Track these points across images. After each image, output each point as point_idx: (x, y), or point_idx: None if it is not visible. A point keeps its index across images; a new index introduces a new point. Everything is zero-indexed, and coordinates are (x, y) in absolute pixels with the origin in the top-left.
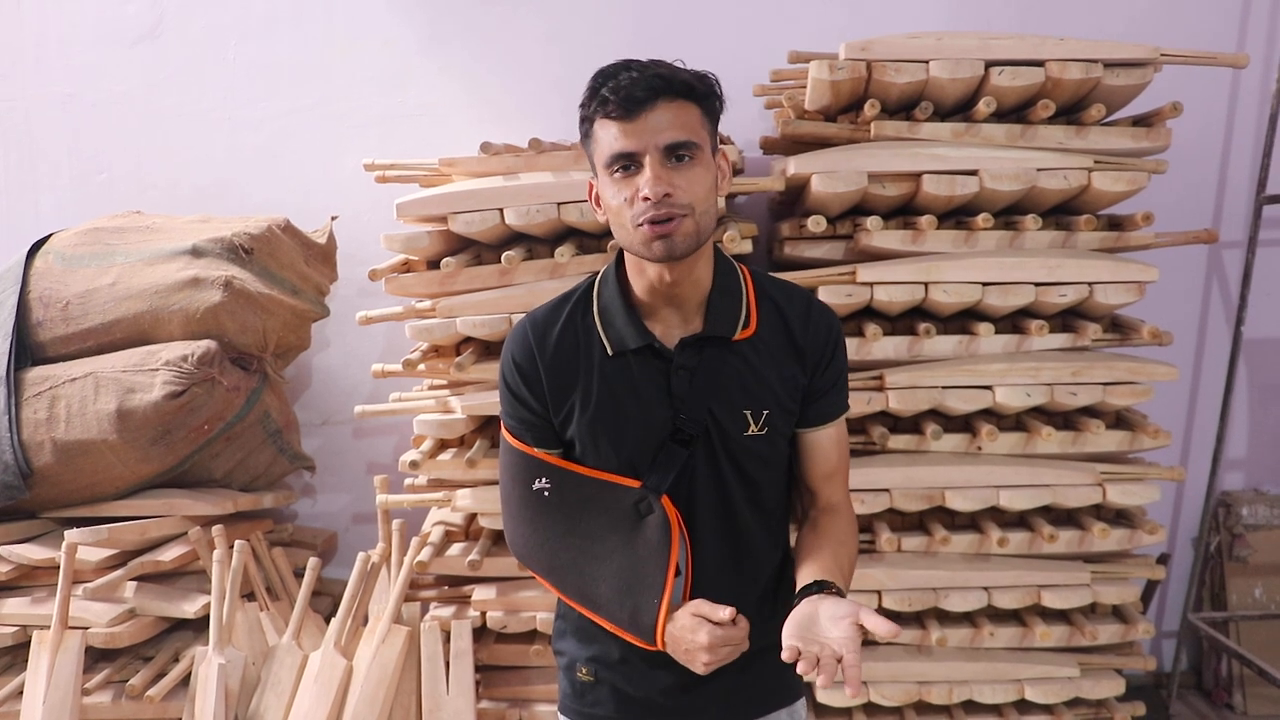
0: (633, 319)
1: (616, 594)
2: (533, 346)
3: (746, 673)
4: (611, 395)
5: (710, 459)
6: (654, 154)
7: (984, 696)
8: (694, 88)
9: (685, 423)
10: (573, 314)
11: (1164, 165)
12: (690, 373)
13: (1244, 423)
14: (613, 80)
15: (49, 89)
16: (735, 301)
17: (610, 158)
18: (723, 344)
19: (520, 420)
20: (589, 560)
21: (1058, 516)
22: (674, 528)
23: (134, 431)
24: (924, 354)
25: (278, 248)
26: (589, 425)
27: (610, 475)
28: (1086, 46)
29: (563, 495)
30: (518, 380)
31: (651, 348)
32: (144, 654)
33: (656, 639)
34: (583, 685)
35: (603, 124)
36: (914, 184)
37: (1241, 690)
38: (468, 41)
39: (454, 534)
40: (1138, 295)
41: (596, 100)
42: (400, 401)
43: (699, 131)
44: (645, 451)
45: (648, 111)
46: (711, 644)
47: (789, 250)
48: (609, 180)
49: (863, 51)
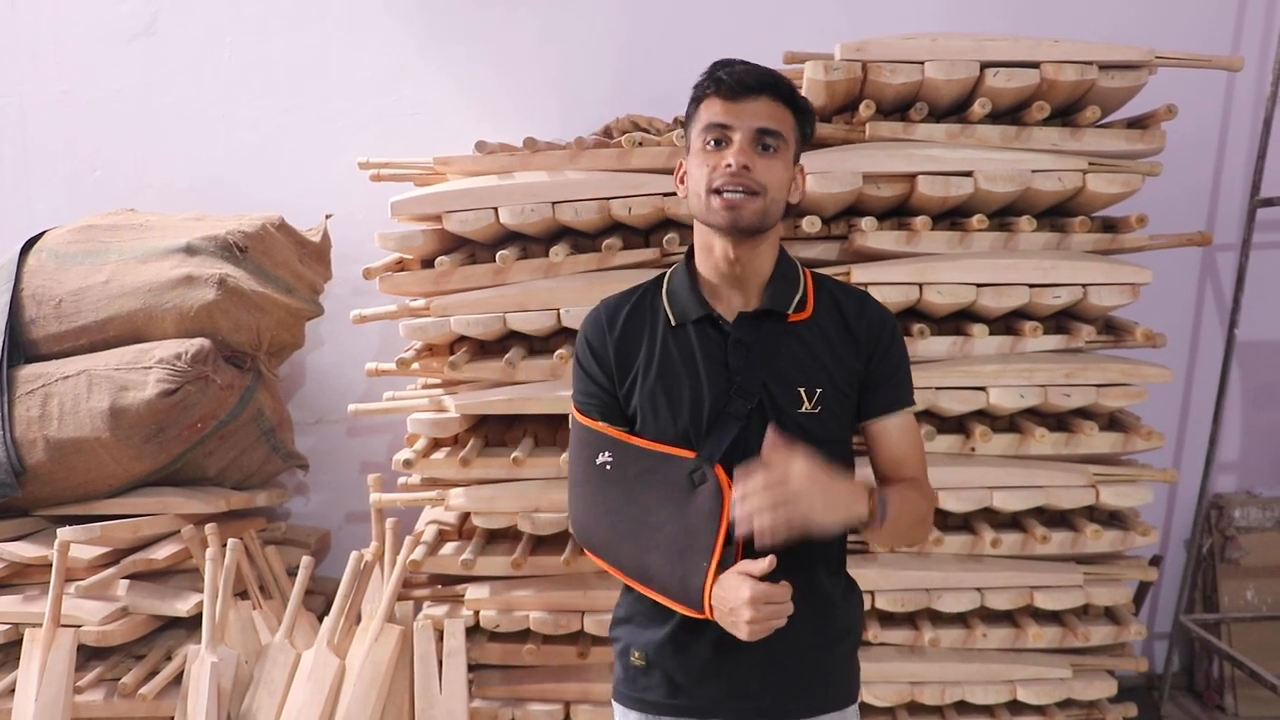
0: (696, 295)
1: (668, 561)
2: (604, 325)
3: (799, 667)
4: (672, 364)
5: (763, 431)
6: (746, 133)
7: (976, 697)
8: (796, 97)
9: (740, 394)
10: (644, 296)
11: (1158, 167)
12: (747, 347)
13: (1237, 425)
14: (729, 67)
15: (44, 86)
16: (793, 285)
17: (708, 125)
18: (780, 322)
19: (589, 395)
20: (644, 530)
21: (1051, 518)
22: (726, 495)
23: (127, 429)
24: (918, 355)
25: (272, 246)
26: (650, 392)
27: (667, 447)
28: (1081, 48)
29: (623, 469)
30: (589, 356)
31: (711, 318)
32: (136, 652)
33: (704, 604)
34: (635, 670)
35: (709, 101)
36: (909, 185)
37: (1233, 692)
38: (463, 41)
39: (447, 533)
40: (1132, 297)
41: (711, 80)
42: (394, 400)
43: (789, 132)
44: (701, 420)
45: (752, 99)
46: (754, 598)
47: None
48: (700, 151)
49: (858, 52)
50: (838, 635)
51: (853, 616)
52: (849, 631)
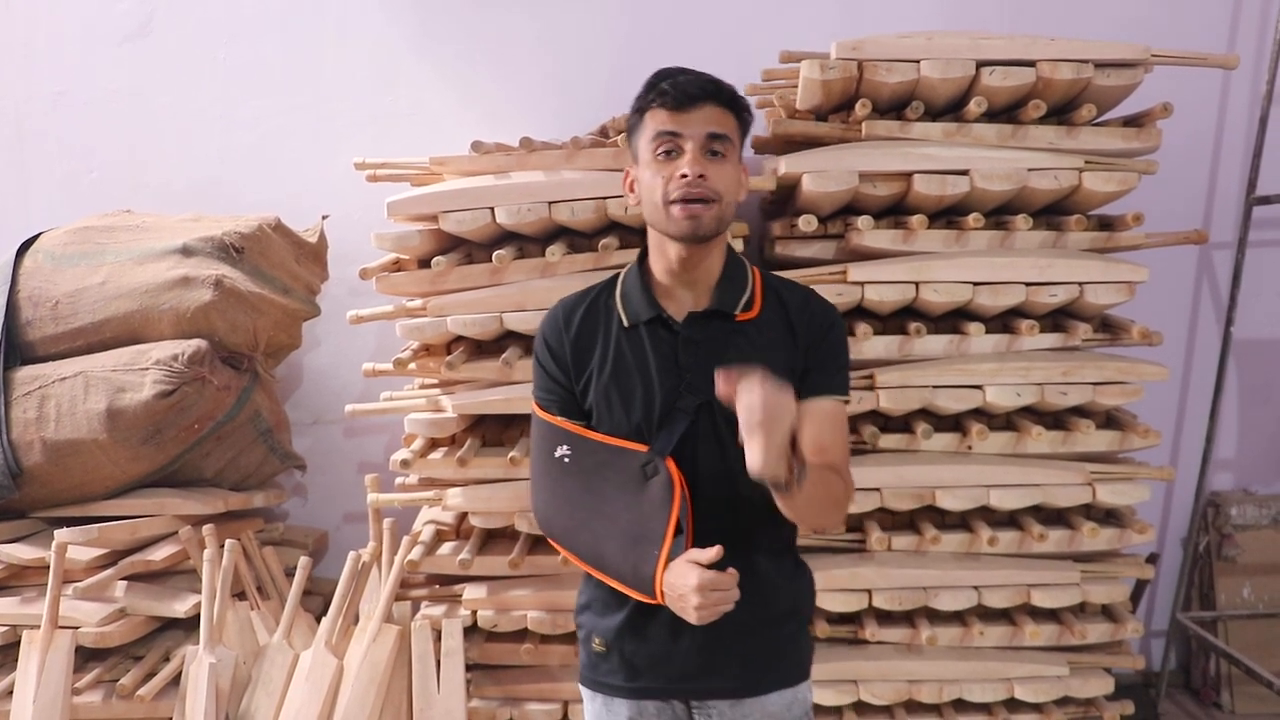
0: (648, 296)
1: (622, 550)
2: (561, 324)
3: (748, 648)
4: (625, 362)
5: (712, 428)
6: (696, 141)
7: (974, 695)
8: (738, 100)
9: (690, 391)
10: (598, 297)
11: (1154, 166)
12: (696, 345)
13: (1233, 423)
14: (670, 79)
15: (39, 87)
16: (740, 285)
17: (658, 134)
18: (727, 321)
19: (548, 392)
20: (600, 520)
21: (1048, 516)
22: (676, 486)
23: (124, 431)
24: (915, 353)
25: (269, 247)
26: (604, 389)
27: (621, 441)
28: (1077, 47)
29: (581, 462)
30: (547, 355)
31: (661, 319)
32: (134, 653)
33: (655, 589)
34: (597, 656)
35: (654, 113)
36: (905, 183)
37: (1229, 689)
38: (459, 41)
39: (445, 533)
40: (1128, 295)
41: (654, 92)
42: (391, 400)
43: (734, 135)
44: (653, 416)
45: (697, 108)
46: (700, 585)
47: (780, 250)
48: (650, 161)
49: (854, 51)
50: (784, 615)
51: (800, 597)
52: (796, 611)
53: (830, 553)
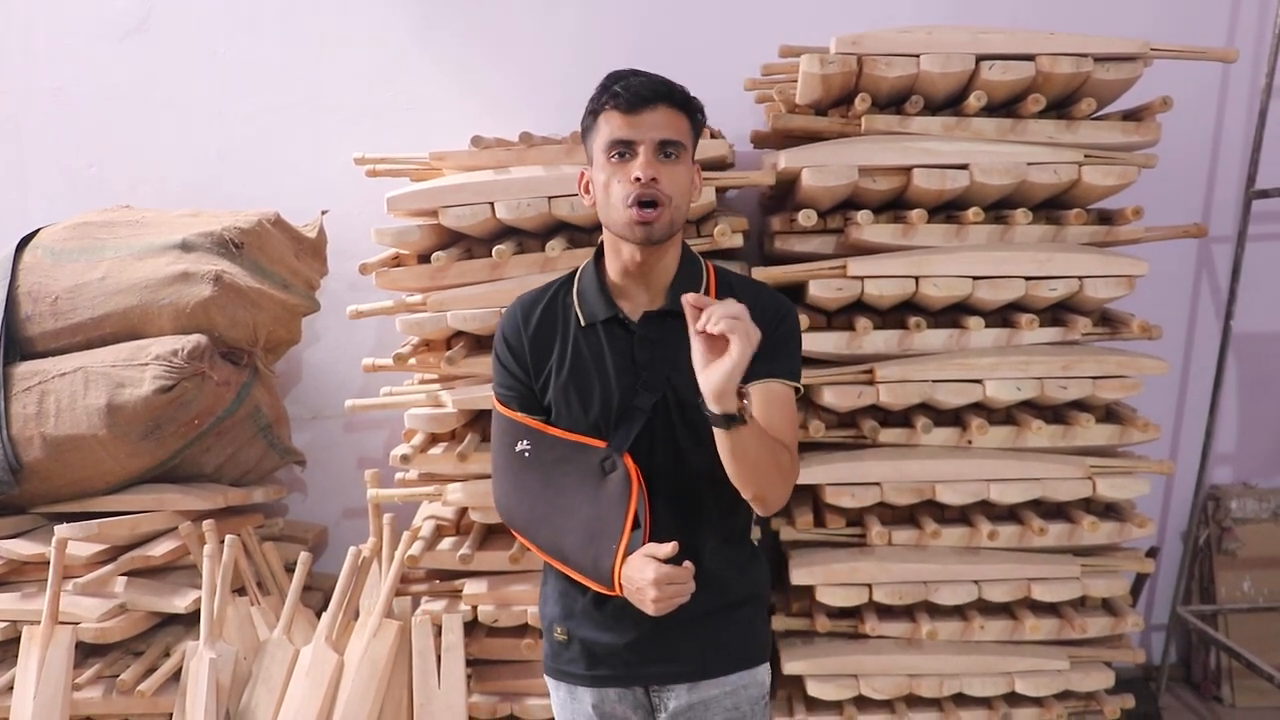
0: (604, 295)
1: (581, 543)
2: (519, 321)
3: (704, 633)
4: (582, 361)
5: (668, 424)
6: (649, 144)
7: (974, 689)
8: (690, 101)
9: (646, 388)
10: (556, 295)
11: (1154, 159)
12: (652, 344)
13: (1233, 417)
14: (623, 81)
15: (38, 83)
16: (695, 284)
17: (611, 142)
18: (682, 319)
19: (508, 388)
20: (559, 514)
21: (1048, 510)
22: (634, 482)
23: (124, 426)
24: (914, 348)
25: (268, 242)
26: (562, 388)
27: (580, 437)
28: (1077, 41)
29: (540, 456)
30: (506, 352)
31: (618, 319)
32: (135, 649)
33: (614, 582)
34: (558, 645)
35: (608, 115)
36: (904, 178)
37: (1230, 683)
38: (458, 35)
39: (445, 528)
40: (1127, 289)
41: (607, 95)
42: (391, 396)
43: (686, 137)
44: (610, 413)
45: (649, 110)
46: (657, 579)
47: (780, 244)
48: (604, 164)
49: (853, 45)
50: (739, 602)
51: (755, 583)
52: (751, 597)
53: (830, 547)
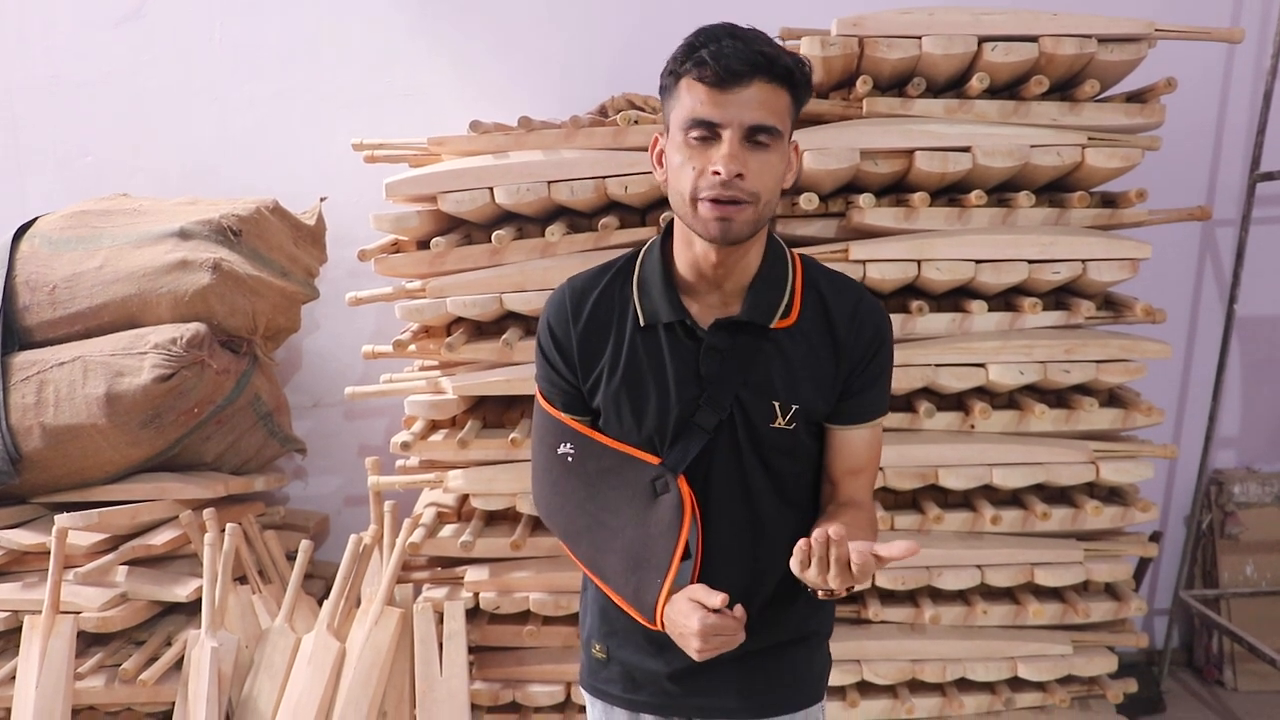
0: (670, 293)
1: (624, 568)
2: (568, 312)
3: (759, 668)
4: (638, 367)
5: (732, 445)
6: (736, 130)
7: (977, 674)
8: (793, 74)
9: (710, 405)
10: (612, 282)
11: (1158, 142)
12: (721, 355)
13: (1236, 401)
14: (715, 44)
15: (33, 71)
16: (779, 289)
17: (692, 121)
18: (759, 331)
19: (551, 383)
20: (602, 530)
21: (1051, 494)
22: (687, 509)
23: (123, 415)
24: (917, 332)
25: (266, 230)
26: (614, 395)
27: (631, 449)
28: (1080, 21)
29: (584, 464)
30: (551, 345)
31: (684, 324)
32: (136, 638)
33: (656, 619)
34: (596, 662)
35: (691, 85)
36: (906, 161)
37: (1232, 667)
38: (457, 20)
39: (446, 515)
40: (1131, 272)
41: (692, 60)
42: (391, 383)
43: (784, 119)
44: (666, 429)
45: (742, 87)
46: (703, 631)
47: (781, 228)
48: (682, 142)
49: (855, 27)
50: (798, 637)
51: (818, 619)
52: (813, 633)
53: None
